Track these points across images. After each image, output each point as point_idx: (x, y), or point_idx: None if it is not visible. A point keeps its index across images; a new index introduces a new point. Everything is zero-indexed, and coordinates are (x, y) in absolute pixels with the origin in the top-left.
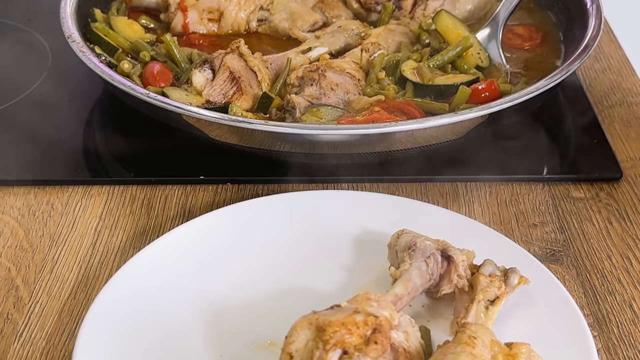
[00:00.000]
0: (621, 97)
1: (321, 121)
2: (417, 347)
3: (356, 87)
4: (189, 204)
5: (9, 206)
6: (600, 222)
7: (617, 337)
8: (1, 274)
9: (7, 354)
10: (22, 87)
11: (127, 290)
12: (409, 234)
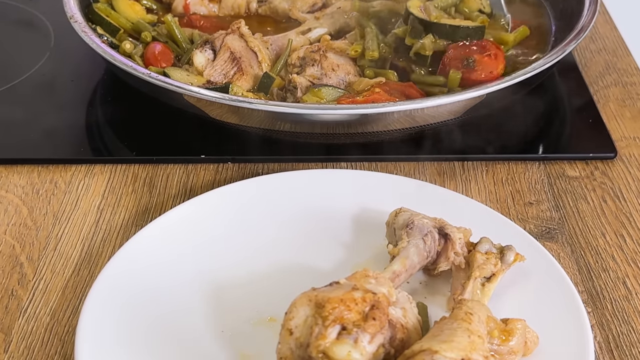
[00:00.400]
0: (616, 78)
1: (322, 101)
2: (414, 323)
3: (356, 68)
4: (190, 183)
5: (13, 185)
6: (594, 201)
7: (610, 313)
8: (5, 251)
9: (12, 330)
10: (25, 67)
11: (130, 267)
12: (407, 212)
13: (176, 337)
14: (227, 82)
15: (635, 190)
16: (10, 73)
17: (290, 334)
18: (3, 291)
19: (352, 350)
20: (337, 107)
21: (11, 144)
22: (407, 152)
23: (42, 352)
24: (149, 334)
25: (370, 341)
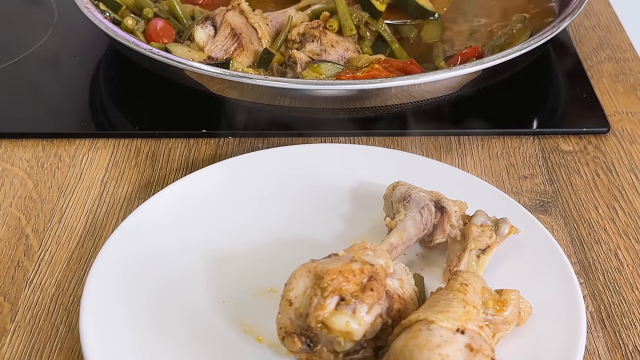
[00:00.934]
0: (610, 53)
1: (321, 77)
2: (411, 294)
3: (355, 45)
4: (191, 157)
5: (18, 158)
6: (587, 174)
7: (602, 284)
8: (11, 223)
9: (19, 300)
10: (28, 43)
11: (133, 239)
12: (404, 185)
13: (178, 306)
14: (228, 58)
15: (627, 164)
16: (14, 49)
17: (289, 305)
18: (9, 262)
19: (350, 321)
20: (336, 82)
21: (16, 119)
22: (405, 127)
23: (47, 322)
24: (151, 304)
25: (368, 311)
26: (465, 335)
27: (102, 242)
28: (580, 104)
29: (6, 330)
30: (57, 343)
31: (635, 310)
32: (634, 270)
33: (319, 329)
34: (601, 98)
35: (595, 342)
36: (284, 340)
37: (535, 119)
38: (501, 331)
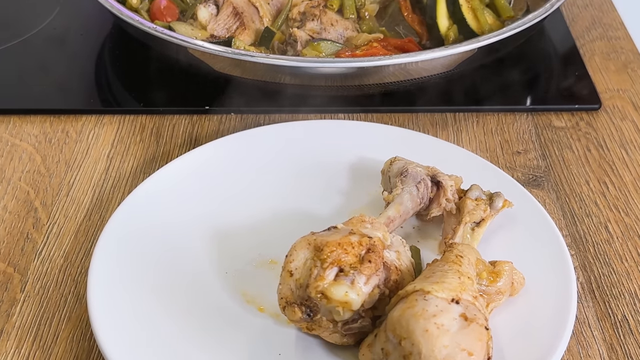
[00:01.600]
0: (602, 32)
1: (320, 55)
2: (407, 266)
3: (355, 24)
4: (195, 133)
5: (26, 134)
6: (579, 150)
7: (592, 255)
8: (21, 196)
9: (28, 271)
10: (36, 22)
11: (138, 212)
12: (401, 160)
13: (181, 277)
14: (230, 36)
15: (617, 140)
16: (22, 27)
17: (290, 276)
18: (19, 234)
19: (349, 291)
20: (335, 60)
21: (24, 95)
22: (402, 104)
23: (56, 292)
24: (155, 275)
25: (366, 282)
26: (460, 305)
27: (108, 215)
28: (573, 82)
29: (16, 300)
30: (65, 312)
31: (624, 281)
32: (623, 242)
33: (319, 299)
34: (593, 76)
35: (586, 311)
36: (284, 310)
37: (528, 96)
38: (495, 301)
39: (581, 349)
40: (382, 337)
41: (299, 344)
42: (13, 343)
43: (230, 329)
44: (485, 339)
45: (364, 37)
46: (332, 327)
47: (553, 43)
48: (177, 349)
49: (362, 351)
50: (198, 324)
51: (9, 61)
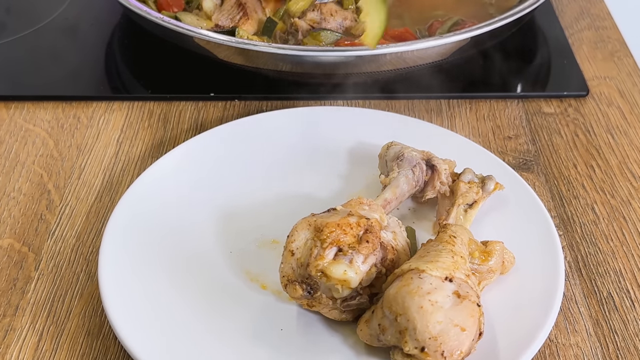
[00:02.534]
0: (589, 22)
1: (320, 44)
2: (403, 245)
3: (353, 14)
4: (200, 118)
5: (39, 119)
6: (567, 135)
7: (579, 236)
8: (34, 179)
9: (42, 250)
10: (48, 12)
11: (147, 194)
12: (398, 145)
13: (187, 256)
14: (234, 26)
15: (604, 125)
16: (35, 17)
17: (291, 255)
18: (33, 215)
19: (348, 270)
20: (335, 49)
21: (38, 82)
22: (399, 91)
23: (69, 270)
24: (163, 253)
25: (363, 261)
26: (453, 283)
27: (118, 197)
28: (562, 70)
29: (31, 277)
30: (77, 289)
31: (609, 260)
32: (609, 223)
33: (319, 277)
34: (581, 64)
35: (573, 289)
36: (286, 287)
37: (519, 83)
38: (486, 279)
39: (568, 324)
40: (379, 313)
41: (300, 320)
42: (28, 318)
43: (235, 305)
44: (477, 315)
45: (363, 27)
46: (332, 304)
47: (543, 32)
48: (183, 323)
49: (360, 327)
50: (204, 300)
51: (22, 49)
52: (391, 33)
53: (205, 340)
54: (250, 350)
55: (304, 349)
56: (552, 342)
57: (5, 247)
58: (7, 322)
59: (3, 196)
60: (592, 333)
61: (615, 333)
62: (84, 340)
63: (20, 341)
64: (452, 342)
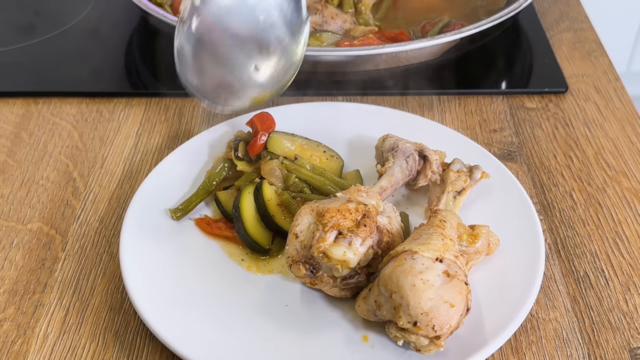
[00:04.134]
0: (569, 24)
1: (322, 44)
2: (398, 229)
3: (353, 17)
4: (211, 113)
5: (65, 113)
6: (548, 128)
7: (558, 220)
8: (61, 168)
9: (68, 233)
10: (73, 16)
11: (163, 181)
12: (393, 137)
13: (200, 236)
14: None
15: (582, 119)
16: (61, 20)
17: (296, 238)
18: (60, 201)
19: (347, 251)
20: (336, 49)
21: (64, 80)
22: (394, 88)
23: (92, 251)
24: (178, 235)
25: (361, 243)
26: (443, 263)
27: (137, 184)
28: (543, 68)
29: (58, 258)
30: (101, 269)
31: (585, 242)
32: (585, 209)
33: (321, 258)
34: (561, 63)
35: (552, 269)
36: (291, 267)
37: (504, 80)
38: (473, 260)
39: (548, 301)
40: (376, 291)
41: (303, 297)
42: (56, 295)
43: (245, 282)
44: (465, 293)
45: (361, 29)
46: (332, 282)
47: (526, 34)
48: (198, 299)
49: (358, 303)
50: (217, 277)
51: (50, 49)
52: (387, 34)
53: (217, 313)
54: (259, 323)
55: (306, 322)
56: (533, 317)
57: (35, 230)
58: (36, 299)
59: (32, 184)
60: (569, 309)
61: (591, 309)
62: (106, 315)
63: (49, 316)
64: (442, 317)
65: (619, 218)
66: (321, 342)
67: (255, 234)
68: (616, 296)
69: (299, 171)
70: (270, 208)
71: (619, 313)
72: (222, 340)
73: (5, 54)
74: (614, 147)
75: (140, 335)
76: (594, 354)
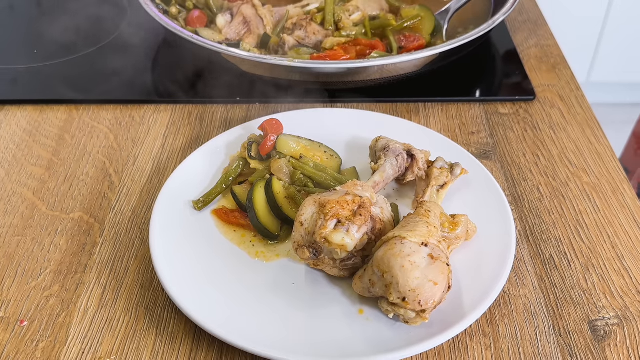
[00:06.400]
0: (536, 41)
1: (300, 56)
2: (389, 218)
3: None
4: (229, 118)
5: (102, 118)
6: (518, 131)
7: (527, 210)
8: (99, 165)
9: (105, 221)
10: (107, 35)
11: (187, 177)
12: (384, 139)
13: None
14: (239, 39)
15: (548, 123)
16: (99, 37)
17: (301, 225)
18: (97, 194)
19: (345, 237)
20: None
21: (100, 90)
22: (386, 96)
23: (126, 237)
24: (200, 223)
25: (357, 230)
26: (428, 247)
27: (164, 179)
28: (514, 79)
29: (97, 242)
30: (133, 252)
31: (551, 229)
32: (550, 200)
33: (322, 243)
34: (529, 74)
35: (522, 252)
36: (296, 251)
37: (480, 89)
38: (454, 244)
39: (518, 279)
40: (370, 271)
41: (308, 276)
42: (94, 274)
43: (257, 265)
44: (447, 273)
45: (331, 41)
46: (332, 264)
47: (498, 49)
48: (218, 277)
49: (355, 281)
50: (235, 259)
51: (88, 64)
52: (364, 42)
53: (233, 290)
54: (269, 298)
55: (310, 298)
56: (506, 294)
57: (77, 219)
58: (78, 278)
59: (74, 179)
60: (537, 286)
61: (555, 286)
62: (138, 292)
63: (89, 292)
64: (427, 294)
65: (580, 208)
66: (323, 314)
67: (266, 222)
68: (577, 275)
69: (304, 168)
70: (279, 200)
71: (580, 290)
72: (238, 313)
73: (51, 67)
74: (576, 147)
75: (167, 309)
76: (558, 325)
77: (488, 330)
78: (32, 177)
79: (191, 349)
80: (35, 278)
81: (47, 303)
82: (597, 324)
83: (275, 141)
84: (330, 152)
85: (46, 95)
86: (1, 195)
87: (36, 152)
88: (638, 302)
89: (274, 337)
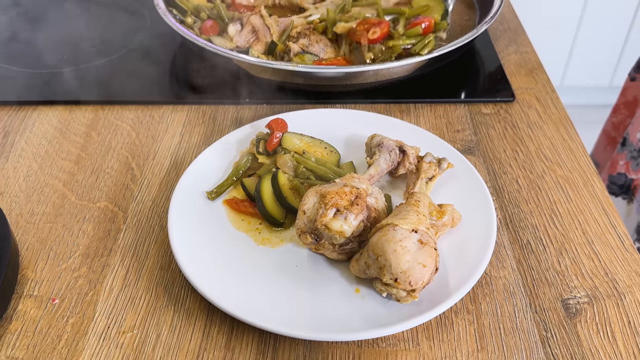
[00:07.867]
0: (516, 48)
1: (304, 62)
2: (382, 207)
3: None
4: (239, 117)
5: (125, 117)
6: (499, 129)
7: (507, 200)
8: (122, 160)
9: (128, 210)
10: (129, 42)
11: (201, 170)
12: (379, 136)
13: (228, 212)
14: (248, 46)
15: (526, 122)
16: (120, 45)
17: (304, 214)
18: (121, 185)
19: (343, 224)
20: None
21: (124, 91)
22: (380, 98)
23: (147, 224)
24: (214, 212)
25: (354, 218)
26: (418, 233)
27: (181, 172)
28: (496, 82)
29: (120, 229)
30: (153, 237)
31: (528, 217)
32: (528, 192)
33: (323, 229)
34: (510, 78)
35: (502, 238)
36: (299, 236)
37: (465, 92)
38: (441, 231)
39: (499, 262)
40: (365, 255)
41: (310, 259)
42: (119, 257)
43: (264, 249)
44: (435, 256)
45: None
46: (332, 248)
47: (481, 56)
48: (229, 258)
49: (352, 264)
50: (243, 244)
51: (112, 69)
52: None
53: (244, 271)
54: (276, 279)
55: (312, 279)
56: (487, 275)
57: (102, 208)
58: (104, 260)
59: (100, 172)
60: (515, 269)
61: (532, 268)
62: (158, 273)
63: (114, 273)
64: (417, 275)
65: (554, 199)
66: (323, 293)
67: (273, 211)
68: (551, 259)
69: (306, 163)
70: (284, 191)
71: (554, 272)
72: (247, 292)
73: (78, 71)
74: (551, 144)
75: (184, 288)
76: (534, 303)
77: (471, 307)
78: (62, 170)
79: (205, 324)
80: (65, 260)
81: (76, 283)
82: (569, 302)
83: (281, 138)
84: (330, 148)
85: (75, 96)
86: (35, 187)
87: (66, 147)
88: (606, 282)
89: (281, 313)
